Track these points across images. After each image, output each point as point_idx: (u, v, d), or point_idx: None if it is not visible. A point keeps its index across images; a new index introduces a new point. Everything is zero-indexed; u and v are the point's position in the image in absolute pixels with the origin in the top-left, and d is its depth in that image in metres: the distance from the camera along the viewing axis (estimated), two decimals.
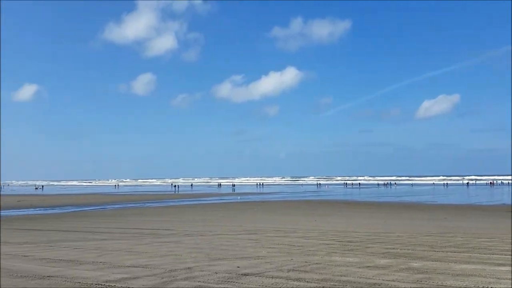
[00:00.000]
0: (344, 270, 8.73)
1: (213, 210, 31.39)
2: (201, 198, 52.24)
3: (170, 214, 27.17)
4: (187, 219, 22.88)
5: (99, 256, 10.76)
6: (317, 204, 37.52)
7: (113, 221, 22.45)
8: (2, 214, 30.72)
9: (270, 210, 30.87)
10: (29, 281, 8.08)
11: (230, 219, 23.08)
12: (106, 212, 30.69)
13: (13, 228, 19.88)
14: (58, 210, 33.92)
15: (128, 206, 37.62)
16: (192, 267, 9.17)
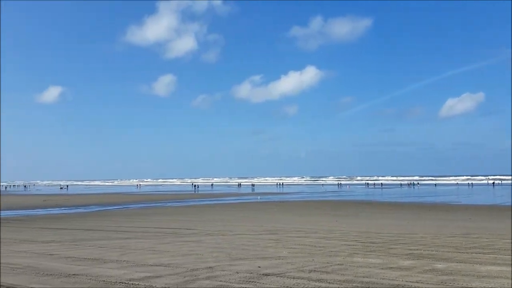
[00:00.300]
0: (367, 271, 8.64)
1: (233, 210, 31.51)
2: (221, 198, 52.50)
3: (191, 214, 27.39)
4: (208, 219, 23.02)
5: (123, 255, 10.94)
6: (338, 205, 37.22)
7: (135, 220, 22.78)
8: (29, 213, 31.56)
9: (290, 210, 30.79)
10: (55, 279, 8.28)
11: (251, 219, 23.11)
12: (129, 212, 31.17)
13: (39, 227, 20.39)
14: (82, 210, 34.63)
15: (149, 206, 38.11)
16: (214, 266, 9.23)
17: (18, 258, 10.75)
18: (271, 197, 52.91)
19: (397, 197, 50.95)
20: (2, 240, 14.90)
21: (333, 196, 53.67)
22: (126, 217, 25.95)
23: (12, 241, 14.63)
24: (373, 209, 31.69)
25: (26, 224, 22.26)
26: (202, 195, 60.03)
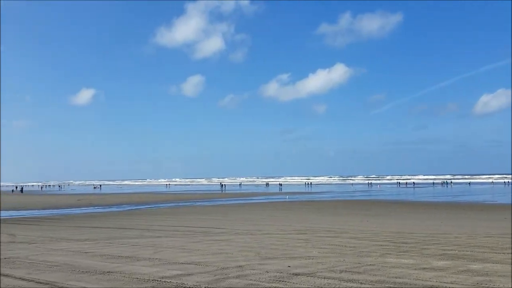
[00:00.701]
0: (399, 271, 8.48)
1: (261, 209, 31.57)
2: (249, 197, 52.69)
3: (220, 213, 27.63)
4: (236, 218, 23.17)
5: (155, 253, 11.16)
6: (369, 204, 36.68)
7: (166, 219, 23.19)
8: (64, 212, 32.64)
9: (319, 210, 30.57)
10: (90, 276, 8.53)
11: (279, 218, 23.10)
12: (159, 211, 31.75)
13: (74, 225, 21.06)
14: (115, 209, 35.53)
15: (179, 205, 38.69)
16: (243, 265, 9.28)
17: (55, 256, 11.14)
18: (300, 196, 52.70)
19: (430, 197, 49.73)
20: (40, 239, 15.49)
21: (363, 196, 52.92)
22: (157, 216, 26.44)
23: (48, 239, 15.17)
24: (405, 209, 31.05)
25: (62, 223, 23.04)
26: (230, 195, 60.43)
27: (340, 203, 38.68)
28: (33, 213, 31.69)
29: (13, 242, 14.36)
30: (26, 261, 10.33)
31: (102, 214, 29.41)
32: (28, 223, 22.84)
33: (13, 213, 32.08)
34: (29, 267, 9.54)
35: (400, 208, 31.67)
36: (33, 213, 31.69)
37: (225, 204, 38.76)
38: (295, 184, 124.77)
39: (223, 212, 28.93)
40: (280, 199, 47.14)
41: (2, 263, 10.08)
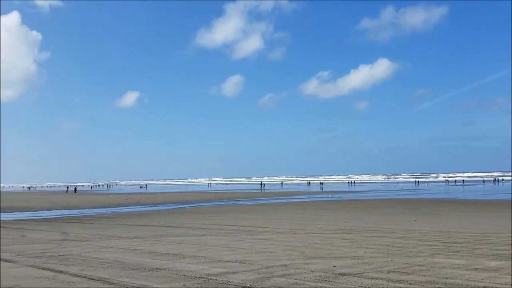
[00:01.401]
0: (450, 272, 8.16)
1: (304, 208, 31.36)
2: (291, 196, 52.50)
3: (262, 212, 27.71)
4: (279, 217, 23.14)
5: (200, 251, 11.37)
6: (416, 203, 35.52)
7: (209, 218, 23.55)
8: (114, 211, 33.92)
9: (364, 209, 29.96)
10: (139, 273, 8.81)
11: (322, 217, 22.85)
12: (203, 209, 32.29)
13: (123, 224, 21.84)
14: (161, 207, 36.51)
15: (221, 204, 39.18)
16: (288, 264, 9.25)
17: (106, 253, 11.59)
18: (343, 195, 51.88)
19: (480, 195, 47.48)
20: (92, 236, 16.18)
21: (410, 194, 51.34)
22: (200, 214, 26.91)
23: (99, 237, 15.81)
24: (454, 208, 29.80)
25: (112, 221, 23.96)
26: (271, 194, 60.49)
27: (385, 202, 37.71)
28: (84, 212, 33.17)
29: (66, 240, 15.09)
30: (79, 258, 10.82)
31: (148, 213, 30.30)
32: (80, 222, 23.93)
33: (65, 212, 33.73)
34: (82, 264, 9.99)
35: (450, 207, 30.42)
36: (84, 212, 33.17)
37: (266, 203, 38.84)
38: (337, 183, 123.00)
39: (265, 211, 28.99)
40: (323, 198, 46.64)
41: (58, 260, 10.62)
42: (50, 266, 9.69)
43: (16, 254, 11.64)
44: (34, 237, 16.20)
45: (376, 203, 36.97)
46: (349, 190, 68.48)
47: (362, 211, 27.09)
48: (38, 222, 24.65)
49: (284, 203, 38.28)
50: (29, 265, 9.86)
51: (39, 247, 13.14)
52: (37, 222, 24.26)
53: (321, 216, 23.90)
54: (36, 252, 11.99)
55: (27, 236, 16.61)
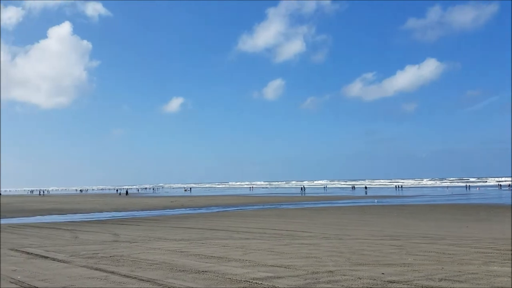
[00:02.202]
0: (505, 281, 7.69)
1: (349, 213, 30.78)
2: (334, 200, 51.68)
3: (306, 216, 27.47)
4: (323, 222, 22.84)
5: (245, 254, 11.41)
6: (468, 208, 33.91)
7: (252, 222, 23.63)
8: (161, 213, 34.85)
9: (412, 214, 28.98)
10: (187, 274, 8.96)
11: (368, 223, 22.31)
12: (246, 213, 32.47)
13: (170, 226, 22.37)
14: (205, 210, 37.10)
15: (264, 208, 39.21)
16: (334, 270, 9.08)
17: (155, 254, 11.90)
18: (390, 200, 50.43)
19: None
20: (140, 238, 16.68)
21: (461, 199, 49.10)
22: (244, 218, 27.07)
23: (147, 239, 16.27)
24: (508, 213, 28.16)
25: (159, 223, 24.61)
26: (314, 198, 59.85)
27: (435, 207, 36.28)
28: (133, 214, 34.31)
29: (117, 241, 15.65)
30: (129, 259, 11.18)
31: (193, 215, 30.87)
32: (129, 223, 24.76)
33: (115, 214, 35.04)
34: (132, 265, 10.31)
35: (504, 213, 28.78)
36: (133, 214, 34.31)
37: (310, 208, 38.48)
38: (383, 187, 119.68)
39: (309, 215, 28.72)
40: (368, 202, 45.55)
41: (109, 261, 11.02)
42: (102, 267, 10.07)
43: (69, 254, 12.20)
44: (86, 238, 16.93)
45: (425, 208, 35.62)
46: (396, 195, 66.45)
47: (410, 217, 26.20)
48: (89, 223, 25.76)
49: (328, 208, 37.75)
50: (82, 266, 10.30)
51: (91, 248, 13.71)
52: (89, 224, 25.37)
53: (367, 221, 23.34)
54: (88, 253, 12.52)
55: (79, 237, 17.39)
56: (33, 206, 48.36)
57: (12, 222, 28.26)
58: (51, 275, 9.14)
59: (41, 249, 13.39)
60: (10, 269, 9.93)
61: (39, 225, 25.18)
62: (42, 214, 36.11)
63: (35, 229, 21.92)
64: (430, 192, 76.24)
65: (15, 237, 17.83)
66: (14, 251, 13.13)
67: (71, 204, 52.15)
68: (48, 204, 52.34)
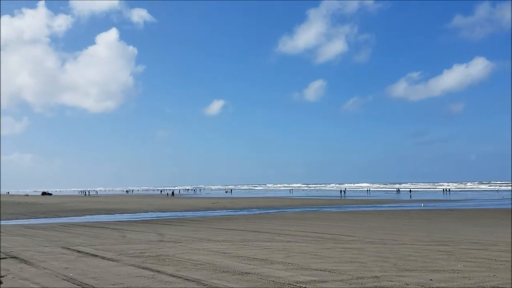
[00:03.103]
0: None
1: (394, 217, 29.95)
2: (378, 204, 50.45)
3: (348, 220, 27.00)
4: (367, 226, 22.35)
5: (287, 257, 11.38)
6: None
7: (294, 224, 23.51)
8: (203, 214, 35.42)
9: (461, 219, 27.78)
10: (230, 276, 9.06)
11: (415, 227, 21.61)
12: (287, 215, 32.35)
13: (212, 227, 22.69)
14: (246, 212, 37.32)
15: (305, 210, 38.91)
16: (380, 276, 8.87)
17: (198, 255, 12.11)
18: (437, 204, 48.59)
19: None
20: (184, 238, 17.02)
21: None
22: (285, 220, 26.99)
23: (191, 239, 16.59)
24: None
25: (202, 224, 25.03)
26: (357, 201, 58.71)
27: (486, 212, 34.61)
28: (176, 215, 35.10)
29: (162, 241, 16.06)
30: (174, 259, 11.45)
31: (234, 217, 31.14)
32: (173, 224, 25.35)
33: (160, 214, 35.99)
34: (177, 264, 10.54)
35: None
36: (176, 215, 35.10)
37: (353, 211, 37.79)
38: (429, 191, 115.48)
39: (352, 219, 28.21)
40: (414, 206, 44.12)
41: (155, 260, 11.34)
42: (148, 266, 10.37)
43: (118, 253, 12.65)
44: (134, 238, 17.49)
45: (474, 213, 34.05)
46: (443, 199, 63.95)
47: (459, 222, 25.14)
48: (136, 223, 26.61)
49: (372, 211, 36.92)
50: (130, 264, 10.65)
51: (138, 247, 14.16)
52: (135, 224, 26.21)
53: (414, 226, 22.61)
54: (135, 252, 12.93)
55: (127, 237, 18.00)
56: (83, 206, 50.60)
57: (63, 222, 29.70)
58: (101, 273, 9.52)
59: (91, 248, 13.97)
60: (62, 266, 10.42)
61: (88, 224, 26.31)
62: (91, 214, 37.70)
63: (85, 228, 22.92)
64: (479, 196, 72.72)
65: (66, 236, 18.71)
66: (66, 249, 13.78)
67: (118, 204, 54.07)
68: (97, 204, 54.57)
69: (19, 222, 29.74)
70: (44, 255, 12.28)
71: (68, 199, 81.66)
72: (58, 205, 53.20)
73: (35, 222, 29.06)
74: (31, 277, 9.09)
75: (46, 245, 14.83)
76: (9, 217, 34.48)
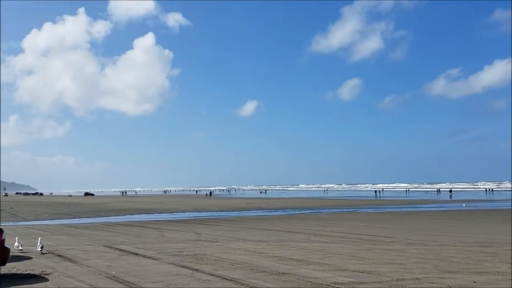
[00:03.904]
0: None
1: (434, 218, 29.06)
2: (417, 204, 49.07)
3: (387, 221, 26.44)
4: (406, 227, 21.81)
5: (324, 258, 11.29)
6: None
7: (330, 225, 23.27)
8: (238, 214, 35.70)
9: (505, 220, 26.58)
10: (267, 276, 9.09)
11: (457, 228, 20.89)
12: (322, 216, 32.05)
13: (248, 227, 22.82)
14: (280, 212, 37.28)
15: (341, 211, 38.41)
16: (421, 278, 8.65)
17: (235, 254, 12.23)
18: (480, 204, 46.72)
19: None
20: (221, 238, 17.21)
21: None
22: (320, 221, 26.76)
23: (227, 239, 16.76)
24: None
25: (237, 224, 25.23)
26: (395, 201, 57.34)
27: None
28: (212, 215, 35.54)
29: (200, 240, 16.32)
30: (211, 258, 11.61)
31: (269, 217, 31.18)
32: (209, 223, 25.70)
33: (196, 214, 36.56)
34: (215, 263, 10.69)
35: None
36: (212, 215, 35.54)
37: (391, 212, 36.96)
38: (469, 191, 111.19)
39: (390, 220, 27.60)
40: (455, 207, 42.64)
41: (194, 259, 11.54)
42: (187, 264, 10.58)
43: (158, 252, 12.98)
44: (172, 237, 17.87)
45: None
46: (486, 199, 61.43)
47: (503, 222, 24.07)
48: (174, 223, 27.15)
49: (411, 212, 35.98)
50: (169, 263, 10.90)
51: (176, 246, 14.46)
52: (173, 223, 26.75)
53: (455, 227, 21.87)
54: (174, 250, 13.21)
55: (166, 236, 18.41)
56: (123, 206, 52.15)
57: (105, 221, 30.72)
58: (142, 271, 9.80)
59: (132, 246, 14.40)
60: (105, 265, 10.80)
61: (129, 223, 27.09)
62: (131, 213, 38.80)
63: (126, 227, 23.62)
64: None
65: (108, 235, 19.35)
66: (108, 248, 14.26)
67: (156, 204, 55.36)
68: (136, 204, 56.09)
69: (63, 221, 31.03)
70: (88, 254, 12.76)
71: (109, 199, 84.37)
72: (100, 205, 55.08)
73: (78, 222, 30.23)
74: (75, 275, 9.47)
75: (89, 244, 15.41)
76: (54, 217, 36.05)
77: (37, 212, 41.69)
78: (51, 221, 30.86)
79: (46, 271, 9.81)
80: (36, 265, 10.71)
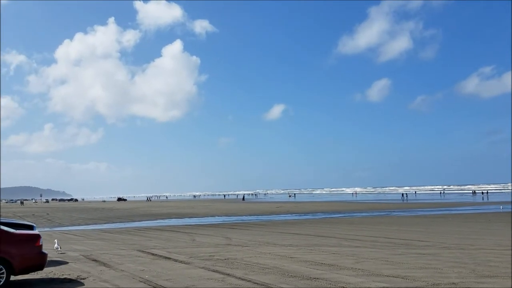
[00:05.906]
0: None
1: (470, 220, 28.11)
2: (452, 207, 47.62)
3: (421, 224, 25.76)
4: (441, 231, 21.18)
5: (357, 263, 11.10)
6: None
7: (361, 229, 22.89)
8: (268, 218, 35.63)
9: None
10: (298, 281, 9.01)
11: (494, 231, 20.13)
12: (353, 220, 31.58)
13: (277, 231, 22.75)
14: (311, 216, 36.97)
15: (372, 215, 37.72)
16: (457, 282, 8.38)
17: (265, 259, 12.20)
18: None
19: None
20: (251, 242, 17.22)
21: None
22: (351, 225, 26.36)
23: (257, 243, 16.75)
24: None
25: (267, 228, 25.20)
26: (429, 204, 55.84)
27: None
28: (242, 219, 35.64)
29: (230, 245, 16.38)
30: (242, 262, 11.63)
31: (299, 221, 30.97)
32: (239, 228, 25.78)
33: (226, 219, 36.75)
34: (245, 268, 10.70)
35: None
36: (242, 219, 35.64)
37: (425, 215, 36.02)
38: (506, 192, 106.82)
39: (424, 223, 26.89)
40: (492, 209, 41.11)
41: (224, 263, 11.59)
42: (218, 269, 10.63)
43: (189, 256, 13.11)
44: (203, 241, 18.02)
45: None
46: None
47: None
48: (204, 227, 27.40)
49: (445, 215, 34.95)
50: (201, 267, 10.98)
51: (207, 250, 14.57)
52: (203, 228, 26.99)
53: (492, 230, 21.08)
54: (205, 255, 13.31)
55: (196, 240, 18.58)
56: (154, 211, 53.05)
57: (138, 226, 31.33)
58: (174, 275, 9.91)
59: (164, 251, 14.60)
60: (138, 269, 10.99)
61: (160, 228, 27.53)
62: (162, 218, 39.42)
63: (157, 232, 24.01)
64: None
65: (141, 239, 19.72)
66: (141, 252, 14.52)
67: (186, 209, 56.03)
68: (167, 209, 56.94)
69: (97, 227, 31.86)
70: (121, 258, 13.03)
71: (140, 204, 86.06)
72: (132, 210, 56.23)
73: (112, 227, 30.96)
74: (110, 279, 9.68)
75: (122, 248, 15.73)
76: (88, 222, 37.06)
77: (72, 217, 42.99)
78: (86, 226, 31.74)
79: (81, 276, 10.07)
80: (73, 269, 11.01)
